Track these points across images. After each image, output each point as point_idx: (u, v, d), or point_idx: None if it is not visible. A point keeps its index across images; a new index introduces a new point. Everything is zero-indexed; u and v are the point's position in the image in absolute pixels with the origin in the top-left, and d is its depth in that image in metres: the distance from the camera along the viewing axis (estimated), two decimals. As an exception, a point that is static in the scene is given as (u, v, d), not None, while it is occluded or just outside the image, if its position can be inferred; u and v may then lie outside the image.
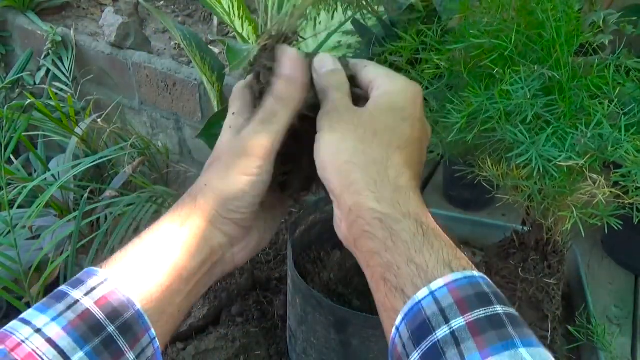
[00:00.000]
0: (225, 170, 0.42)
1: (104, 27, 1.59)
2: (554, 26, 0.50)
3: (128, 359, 0.36)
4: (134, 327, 0.37)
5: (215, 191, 0.42)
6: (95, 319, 0.35)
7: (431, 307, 0.32)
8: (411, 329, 0.32)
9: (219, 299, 0.73)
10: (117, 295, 0.37)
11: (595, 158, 0.48)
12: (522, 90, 0.48)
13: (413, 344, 0.32)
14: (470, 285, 0.32)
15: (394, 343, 0.34)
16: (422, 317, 0.32)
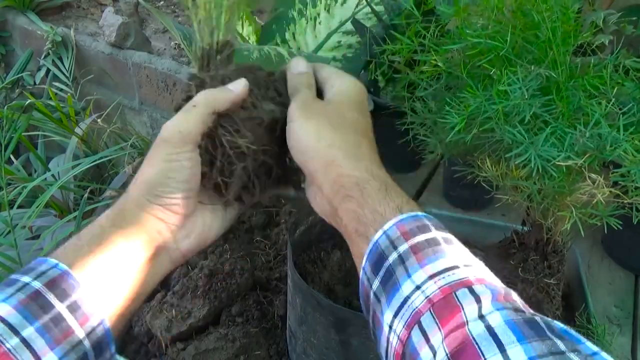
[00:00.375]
0: (151, 160, 0.46)
1: (104, 27, 1.59)
2: (550, 27, 0.50)
3: (78, 336, 0.39)
4: (83, 307, 0.40)
5: (144, 177, 0.45)
6: (45, 298, 0.38)
7: (384, 242, 0.39)
8: (371, 263, 0.40)
9: (219, 299, 0.73)
10: (65, 279, 0.40)
11: (594, 158, 0.48)
12: (519, 90, 0.48)
13: (374, 273, 0.39)
14: (414, 220, 0.40)
15: (362, 282, 0.41)
16: (379, 252, 0.39)
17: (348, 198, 0.42)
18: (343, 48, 0.94)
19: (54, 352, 0.37)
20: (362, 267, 0.41)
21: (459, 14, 0.54)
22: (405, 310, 0.36)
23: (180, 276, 0.80)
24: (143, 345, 0.74)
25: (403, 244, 0.38)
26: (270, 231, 0.89)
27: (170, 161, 0.45)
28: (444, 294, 0.35)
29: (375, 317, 0.39)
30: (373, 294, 0.39)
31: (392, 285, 0.37)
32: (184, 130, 0.45)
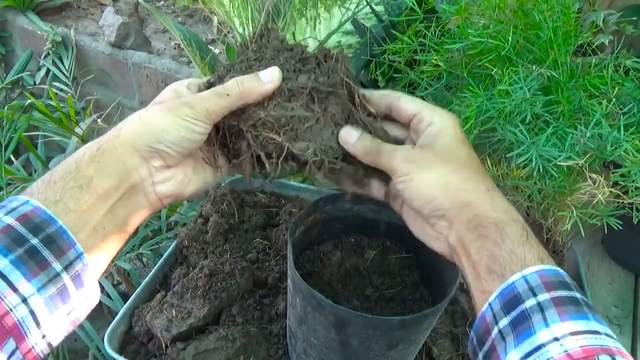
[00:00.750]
0: (167, 111, 0.47)
1: (104, 27, 1.59)
2: (551, 27, 0.50)
3: (55, 269, 0.39)
4: (58, 241, 0.40)
5: (151, 122, 0.47)
6: (18, 232, 0.39)
7: (522, 286, 0.40)
8: (503, 302, 0.40)
9: (219, 299, 0.73)
10: (37, 213, 0.40)
11: (594, 158, 0.48)
12: (520, 90, 0.48)
13: (503, 312, 0.40)
14: (556, 275, 0.40)
15: (483, 316, 0.41)
16: (514, 293, 0.40)
17: (484, 237, 0.43)
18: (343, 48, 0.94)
19: (32, 284, 0.38)
20: (488, 302, 0.41)
21: (460, 13, 0.54)
22: (538, 356, 0.36)
23: (180, 276, 0.80)
24: (143, 345, 0.74)
25: (543, 294, 0.39)
26: (270, 231, 0.89)
27: (188, 123, 0.47)
28: (585, 354, 0.35)
29: (493, 353, 0.40)
30: (498, 331, 0.40)
31: (525, 328, 0.38)
32: (211, 110, 0.48)
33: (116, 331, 0.73)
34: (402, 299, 0.68)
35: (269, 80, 0.49)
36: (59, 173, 0.43)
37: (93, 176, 0.44)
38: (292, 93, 0.50)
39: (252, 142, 0.50)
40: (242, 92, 0.49)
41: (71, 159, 0.45)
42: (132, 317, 0.76)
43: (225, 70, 0.53)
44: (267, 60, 0.52)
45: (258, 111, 0.50)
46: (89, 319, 1.05)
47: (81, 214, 0.42)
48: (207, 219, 0.89)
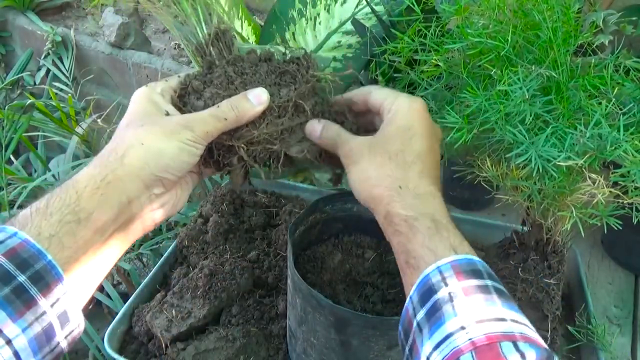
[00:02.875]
0: (169, 135, 0.47)
1: (104, 27, 1.59)
2: (551, 27, 0.50)
3: (41, 307, 0.38)
4: (46, 277, 0.39)
5: (154, 150, 0.46)
6: (4, 269, 0.37)
7: (436, 277, 0.41)
8: (420, 294, 0.41)
9: (219, 299, 0.73)
10: (26, 247, 0.39)
11: (594, 158, 0.48)
12: (520, 90, 0.48)
13: (420, 304, 0.41)
14: (468, 264, 0.41)
15: (406, 309, 0.43)
16: (428, 285, 0.41)
17: (397, 232, 0.45)
18: (343, 48, 0.94)
19: (17, 324, 0.37)
20: (409, 296, 0.43)
21: (459, 13, 0.54)
22: (445, 345, 0.37)
23: (180, 276, 0.80)
24: (143, 345, 0.74)
25: (455, 283, 0.40)
26: (270, 231, 0.89)
27: (189, 147, 0.48)
28: (488, 341, 0.36)
29: (414, 345, 0.40)
30: (416, 324, 0.40)
31: (437, 319, 0.39)
32: (209, 133, 0.49)
33: (116, 331, 0.73)
34: (402, 299, 0.68)
35: (259, 102, 0.51)
36: (56, 204, 0.42)
37: (94, 210, 0.43)
38: (279, 109, 0.53)
39: (245, 157, 0.52)
40: (237, 115, 0.50)
41: (71, 188, 0.43)
42: (132, 317, 0.76)
43: (201, 84, 0.54)
44: (249, 76, 0.54)
45: (252, 130, 0.52)
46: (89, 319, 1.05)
47: (75, 251, 0.41)
48: (207, 219, 0.89)
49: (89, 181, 0.44)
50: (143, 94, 0.51)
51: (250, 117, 0.51)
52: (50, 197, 0.43)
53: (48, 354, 0.40)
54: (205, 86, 0.54)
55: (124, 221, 0.46)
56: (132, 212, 0.46)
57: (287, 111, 0.53)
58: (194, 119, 0.50)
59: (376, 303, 0.67)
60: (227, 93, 0.52)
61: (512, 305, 0.40)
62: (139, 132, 0.47)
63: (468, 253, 0.43)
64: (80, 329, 0.44)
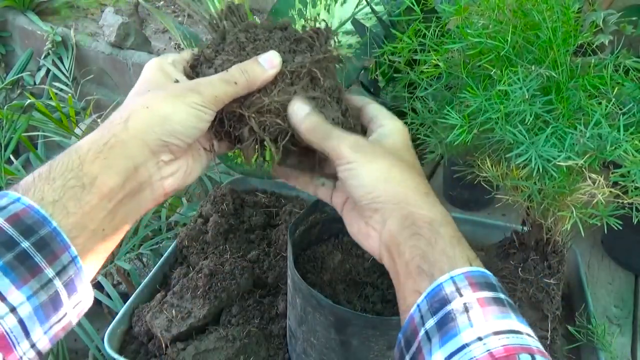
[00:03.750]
0: (174, 99, 0.45)
1: (104, 27, 1.59)
2: (551, 27, 0.50)
3: (47, 274, 0.37)
4: (51, 244, 0.37)
5: (160, 113, 0.44)
6: (7, 235, 0.36)
7: (449, 287, 0.39)
8: (430, 303, 0.40)
9: (219, 299, 0.73)
10: (30, 213, 0.37)
11: (594, 158, 0.48)
12: (520, 90, 0.48)
13: (431, 313, 0.39)
14: (482, 277, 0.41)
15: (412, 318, 0.41)
16: (441, 294, 0.39)
17: (417, 236, 0.43)
18: (343, 48, 0.94)
19: (21, 291, 0.36)
20: (417, 304, 0.41)
21: (459, 13, 0.54)
22: (461, 356, 0.36)
23: (180, 276, 0.80)
24: (143, 345, 0.74)
25: (470, 294, 0.39)
26: (270, 231, 0.89)
27: (197, 111, 0.46)
28: (507, 353, 0.35)
29: (419, 355, 0.39)
30: (424, 332, 0.39)
31: (450, 329, 0.38)
32: (219, 97, 0.47)
33: (116, 331, 0.73)
34: (402, 299, 0.68)
35: (270, 66, 0.49)
36: (59, 168, 0.40)
37: (98, 174, 0.41)
38: (292, 75, 0.50)
39: (256, 127, 0.49)
40: (248, 80, 0.48)
41: (74, 153, 0.42)
42: (132, 317, 0.76)
43: (213, 52, 0.52)
44: (262, 42, 0.51)
45: (262, 97, 0.49)
46: (89, 319, 1.05)
47: (81, 217, 0.40)
48: (207, 219, 0.89)
49: (91, 145, 0.42)
50: (154, 64, 0.51)
51: (262, 82, 0.49)
52: (52, 163, 0.41)
53: (55, 323, 0.39)
54: (217, 54, 0.52)
55: (132, 189, 0.44)
56: (140, 179, 0.44)
57: (300, 79, 0.50)
58: (203, 82, 0.48)
59: (376, 303, 0.67)
60: (239, 59, 0.50)
61: (524, 320, 0.39)
62: (145, 97, 0.46)
63: (481, 267, 0.42)
64: (89, 302, 0.42)
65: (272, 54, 0.49)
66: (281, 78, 0.50)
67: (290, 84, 0.50)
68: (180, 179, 0.49)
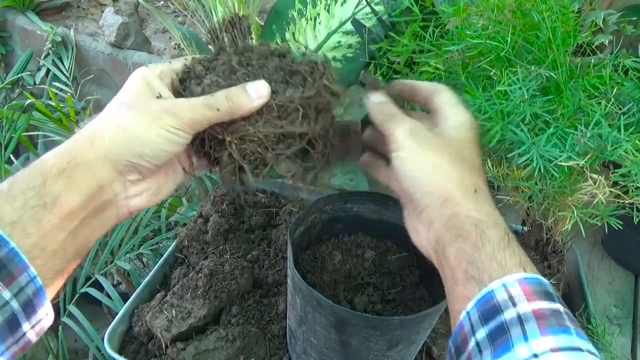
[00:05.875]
0: (148, 120, 0.43)
1: (104, 27, 1.59)
2: (550, 27, 0.50)
3: (3, 297, 0.36)
4: (8, 265, 0.36)
5: (130, 133, 0.43)
6: None
7: (502, 295, 0.37)
8: (481, 311, 0.37)
9: (219, 299, 0.73)
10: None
11: (594, 158, 0.48)
12: (519, 90, 0.48)
13: (481, 322, 0.37)
14: (538, 284, 0.38)
15: (461, 325, 0.39)
16: (493, 302, 0.37)
17: (462, 239, 0.41)
18: (343, 48, 0.94)
19: None
20: (466, 311, 0.39)
21: (458, 14, 0.54)
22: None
23: (180, 276, 0.80)
24: (143, 345, 0.74)
25: (524, 304, 0.36)
26: (270, 231, 0.89)
27: (170, 135, 0.44)
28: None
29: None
30: (475, 343, 0.37)
31: (502, 342, 0.35)
32: (196, 121, 0.45)
33: (116, 331, 0.73)
34: (402, 299, 0.68)
35: (257, 96, 0.47)
36: (20, 186, 0.39)
37: (60, 193, 0.39)
38: (280, 109, 0.48)
39: (236, 154, 0.48)
40: (231, 107, 0.46)
41: (35, 169, 0.40)
42: (132, 317, 0.76)
43: (204, 69, 0.50)
44: (255, 68, 0.50)
45: (246, 126, 0.48)
46: (89, 319, 1.05)
47: (41, 237, 0.38)
48: (207, 219, 0.89)
49: (55, 160, 0.41)
50: (140, 74, 0.47)
51: (246, 112, 0.47)
52: (14, 179, 0.39)
53: (13, 344, 0.38)
54: (207, 72, 0.50)
55: (95, 208, 0.42)
56: (104, 198, 0.43)
57: (288, 114, 0.48)
58: (182, 105, 0.45)
59: (376, 303, 0.67)
60: (227, 83, 0.48)
61: (584, 335, 0.36)
62: (118, 113, 0.44)
63: (536, 273, 0.39)
64: (50, 319, 0.41)
65: (261, 84, 0.47)
66: (268, 110, 0.48)
67: (278, 117, 0.48)
68: (147, 198, 0.48)
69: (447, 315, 0.86)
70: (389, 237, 0.73)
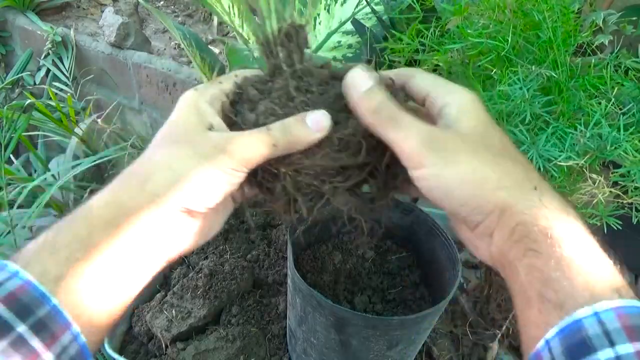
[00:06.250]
0: (200, 160, 0.39)
1: (104, 27, 1.59)
2: (551, 27, 0.50)
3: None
4: (50, 324, 0.34)
5: (183, 177, 0.39)
6: (2, 319, 0.32)
7: (594, 328, 0.30)
8: (566, 344, 0.31)
9: (219, 299, 0.73)
10: (28, 290, 0.34)
11: (594, 158, 0.48)
12: (520, 90, 0.48)
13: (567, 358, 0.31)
14: None
15: (539, 355, 0.32)
16: (581, 336, 0.30)
17: (533, 253, 0.34)
18: (343, 48, 0.94)
19: None
20: (545, 339, 0.32)
21: (459, 13, 0.54)
22: None
23: (180, 276, 0.80)
24: (143, 345, 0.74)
25: (626, 345, 0.29)
26: (270, 231, 0.89)
27: (226, 176, 0.40)
28: None
29: None
30: None
31: None
32: (253, 159, 0.41)
33: (116, 331, 0.73)
34: (402, 299, 0.68)
35: (318, 128, 0.41)
36: (65, 237, 0.36)
37: (108, 244, 0.37)
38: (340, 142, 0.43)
39: (289, 186, 0.44)
40: (289, 142, 0.41)
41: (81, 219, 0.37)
42: (132, 317, 0.76)
43: (257, 93, 0.45)
44: (315, 95, 0.44)
45: (303, 158, 0.43)
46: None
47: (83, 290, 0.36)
48: (207, 219, 0.89)
49: (104, 210, 0.38)
50: (189, 100, 0.43)
51: (304, 146, 0.42)
52: (59, 228, 0.37)
53: None
54: (262, 97, 0.45)
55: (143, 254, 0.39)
56: (152, 244, 0.39)
57: (349, 147, 0.43)
58: (237, 142, 0.40)
59: (376, 303, 0.67)
60: (284, 112, 0.43)
61: None
62: (169, 152, 0.40)
63: (634, 298, 0.32)
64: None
65: (321, 115, 0.42)
66: (328, 142, 0.43)
67: (338, 150, 0.43)
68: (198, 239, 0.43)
69: (447, 315, 0.86)
70: (389, 237, 0.73)
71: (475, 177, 0.36)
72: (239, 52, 0.63)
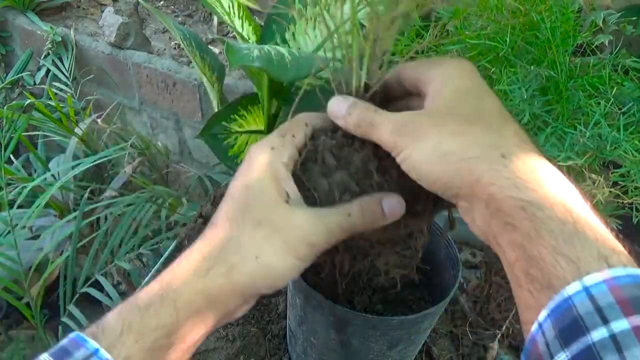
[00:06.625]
0: (285, 251, 0.39)
1: (104, 27, 1.59)
2: (549, 27, 0.50)
3: None
4: None
5: (266, 268, 0.38)
6: None
7: (584, 305, 0.28)
8: (558, 327, 0.28)
9: (219, 299, 0.74)
10: None
11: (594, 158, 0.48)
12: (519, 90, 0.48)
13: (560, 344, 0.28)
14: (636, 285, 0.28)
15: (534, 341, 0.30)
16: (572, 315, 0.28)
17: (510, 226, 0.32)
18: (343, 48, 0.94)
19: None
20: (538, 323, 0.30)
21: (457, 15, 0.55)
22: None
23: (180, 276, 0.80)
24: (143, 345, 0.74)
25: (620, 320, 0.26)
26: (270, 231, 0.89)
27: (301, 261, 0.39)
28: None
29: None
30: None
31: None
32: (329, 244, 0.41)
33: (116, 331, 0.73)
34: (402, 299, 0.68)
35: (391, 215, 0.41)
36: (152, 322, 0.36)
37: (190, 331, 0.38)
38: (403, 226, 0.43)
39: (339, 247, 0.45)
40: (364, 225, 0.40)
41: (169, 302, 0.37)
42: None
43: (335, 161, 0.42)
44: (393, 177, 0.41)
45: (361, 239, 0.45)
46: (89, 319, 1.05)
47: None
48: (207, 218, 0.89)
49: (192, 299, 0.38)
50: (266, 162, 0.40)
51: (374, 229, 0.41)
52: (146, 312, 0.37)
53: None
54: (338, 165, 0.41)
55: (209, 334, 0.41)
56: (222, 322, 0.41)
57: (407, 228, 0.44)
58: (320, 231, 0.39)
59: (376, 303, 0.67)
60: (360, 190, 0.41)
61: None
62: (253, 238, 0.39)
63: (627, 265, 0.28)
64: None
65: (397, 201, 0.41)
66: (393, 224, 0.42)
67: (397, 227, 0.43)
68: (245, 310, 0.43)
69: (447, 315, 0.87)
70: (388, 237, 0.73)
71: (438, 152, 0.34)
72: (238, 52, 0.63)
